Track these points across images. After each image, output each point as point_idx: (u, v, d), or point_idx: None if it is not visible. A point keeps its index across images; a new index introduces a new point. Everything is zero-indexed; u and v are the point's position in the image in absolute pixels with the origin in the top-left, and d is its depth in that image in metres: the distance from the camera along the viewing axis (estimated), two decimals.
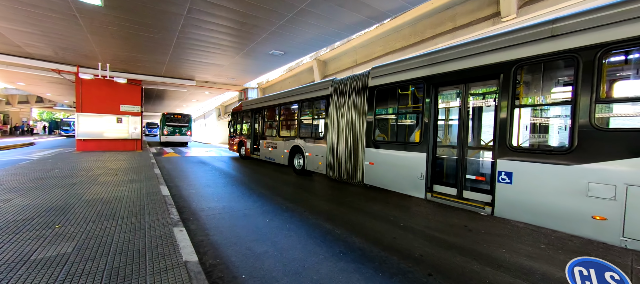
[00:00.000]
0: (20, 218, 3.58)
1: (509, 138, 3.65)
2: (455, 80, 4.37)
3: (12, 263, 2.47)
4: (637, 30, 2.67)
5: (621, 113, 3.17)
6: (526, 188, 3.46)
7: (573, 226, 3.11)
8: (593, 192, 2.94)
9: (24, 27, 8.00)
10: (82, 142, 13.13)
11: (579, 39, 3.09)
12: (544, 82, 3.99)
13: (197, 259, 2.69)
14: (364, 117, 5.89)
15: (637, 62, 3.14)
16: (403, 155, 5.03)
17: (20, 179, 6.03)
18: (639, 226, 2.64)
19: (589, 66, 2.99)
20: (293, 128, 9.03)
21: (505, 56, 3.70)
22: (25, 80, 16.98)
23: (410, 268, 2.80)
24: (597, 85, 2.95)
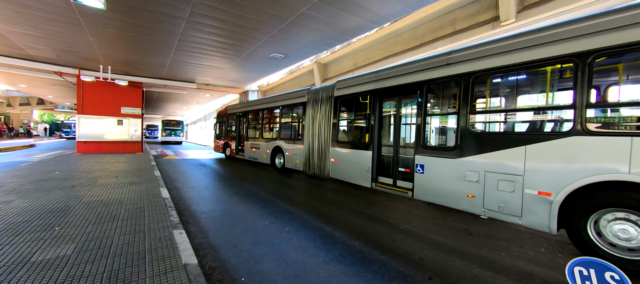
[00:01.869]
0: (20, 220, 3.58)
1: (423, 139, 4.72)
2: (392, 94, 5.60)
3: (12, 264, 2.47)
4: (493, 64, 3.84)
5: (483, 121, 4.29)
6: (432, 176, 4.52)
7: (458, 202, 4.17)
8: (467, 177, 4.03)
9: (27, 30, 8.06)
10: (82, 144, 13.15)
11: (461, 67, 4.21)
12: (443, 97, 5.07)
13: (197, 262, 2.69)
14: (331, 121, 6.92)
15: (494, 85, 4.49)
16: (357, 153, 6.11)
17: (20, 181, 6.04)
18: (492, 201, 3.77)
19: (467, 87, 4.09)
20: (275, 131, 9.94)
21: (420, 77, 4.81)
22: (27, 82, 17.04)
23: (410, 271, 2.80)
24: (471, 101, 4.07)
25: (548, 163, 3.27)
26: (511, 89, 4.36)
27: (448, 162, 4.28)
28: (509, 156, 3.61)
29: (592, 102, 3.08)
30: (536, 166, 3.36)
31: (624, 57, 3.04)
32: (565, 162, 3.14)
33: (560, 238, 3.84)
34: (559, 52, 3.25)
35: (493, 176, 3.74)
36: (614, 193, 2.88)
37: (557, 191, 3.17)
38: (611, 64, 3.31)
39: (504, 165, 3.65)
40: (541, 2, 6.29)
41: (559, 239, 3.81)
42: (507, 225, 4.37)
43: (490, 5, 7.16)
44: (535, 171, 3.36)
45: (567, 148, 3.13)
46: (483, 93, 4.49)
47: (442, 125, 5.23)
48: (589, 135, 2.99)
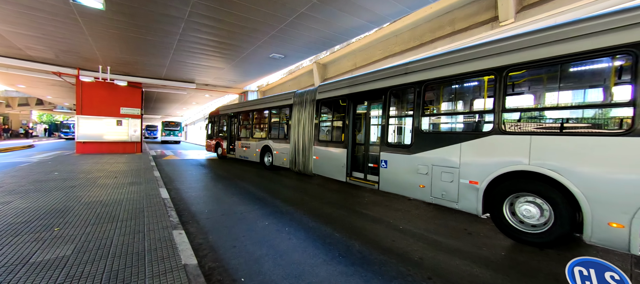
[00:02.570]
0: (19, 221, 3.58)
1: (386, 138, 5.41)
2: (363, 98, 6.27)
3: (11, 265, 2.47)
4: (437, 74, 4.53)
5: (431, 123, 5.07)
6: (393, 170, 5.20)
7: (413, 192, 4.88)
8: (419, 170, 4.72)
9: (26, 30, 8.04)
10: (82, 144, 13.13)
11: (415, 76, 4.87)
12: (402, 102, 5.69)
13: (196, 262, 2.69)
14: (313, 122, 7.56)
15: (439, 92, 5.05)
16: (334, 151, 6.83)
17: (19, 181, 6.03)
18: (437, 189, 4.46)
19: (419, 93, 4.77)
20: (264, 131, 10.47)
21: (384, 83, 5.49)
22: (26, 82, 17.00)
23: (410, 271, 2.80)
24: (422, 105, 4.79)
25: (476, 158, 3.99)
26: (451, 96, 5.23)
27: (405, 158, 4.99)
28: (449, 152, 4.31)
29: (506, 108, 3.74)
30: (468, 160, 4.08)
31: (527, 72, 3.85)
32: (487, 156, 3.86)
33: None
34: (483, 66, 3.97)
35: (438, 169, 4.47)
36: (520, 181, 3.59)
37: (482, 180, 3.88)
38: (520, 78, 4.19)
39: (446, 159, 4.35)
40: (540, 2, 6.31)
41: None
42: None
43: (489, 5, 7.18)
44: (467, 164, 4.08)
45: (488, 145, 3.85)
46: (432, 99, 5.27)
47: (401, 126, 5.95)
48: (504, 134, 3.69)
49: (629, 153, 2.78)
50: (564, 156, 3.20)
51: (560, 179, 3.19)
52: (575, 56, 3.20)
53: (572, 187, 3.11)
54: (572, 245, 3.53)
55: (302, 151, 7.92)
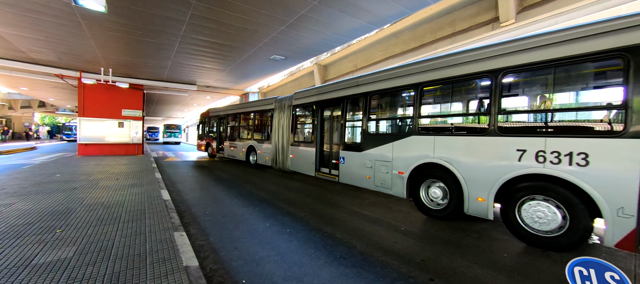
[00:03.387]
0: (21, 223, 3.59)
1: (343, 139, 6.52)
2: (327, 105, 7.20)
3: (13, 267, 2.48)
4: (375, 87, 5.59)
5: (373, 126, 5.89)
6: (349, 165, 6.20)
7: (362, 182, 5.86)
8: (366, 165, 5.69)
9: (29, 33, 8.10)
10: (83, 146, 13.17)
11: (363, 88, 5.91)
12: (355, 108, 6.47)
13: (198, 264, 2.69)
14: (290, 125, 8.53)
15: (379, 101, 6.14)
16: (306, 150, 7.81)
17: (22, 183, 6.06)
18: (378, 180, 5.41)
19: (366, 101, 5.79)
20: (249, 132, 11.44)
21: (341, 93, 6.54)
22: (29, 85, 17.11)
23: (412, 272, 2.79)
24: (368, 112, 5.80)
25: (402, 153, 5.02)
26: (387, 104, 6.20)
27: (357, 155, 6.00)
28: (385, 150, 5.33)
29: (420, 114, 4.85)
30: (397, 155, 5.10)
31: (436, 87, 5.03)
32: (409, 152, 4.89)
33: None
34: (407, 82, 4.98)
35: (378, 163, 5.47)
36: (430, 170, 4.63)
37: (406, 171, 4.91)
38: (431, 92, 5.38)
39: (383, 155, 5.36)
40: (541, 3, 6.31)
41: None
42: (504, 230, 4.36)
43: (489, 6, 7.18)
44: (397, 159, 5.10)
45: (409, 143, 4.90)
46: (374, 106, 6.18)
47: (354, 129, 6.76)
48: (419, 135, 4.75)
49: (488, 149, 3.85)
50: (452, 151, 4.26)
51: (450, 167, 4.26)
52: (457, 78, 4.32)
53: (457, 173, 4.17)
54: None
55: (281, 151, 8.91)
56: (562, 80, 3.80)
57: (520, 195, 3.57)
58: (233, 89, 17.15)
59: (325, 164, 7.31)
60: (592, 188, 2.99)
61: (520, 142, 3.54)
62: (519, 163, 3.52)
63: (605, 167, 2.94)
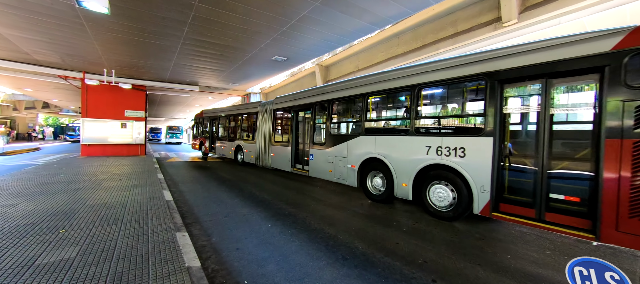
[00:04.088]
0: (25, 223, 3.62)
1: (312, 138, 7.50)
2: (301, 109, 8.17)
3: (17, 267, 2.49)
4: (335, 96, 6.65)
5: (335, 128, 6.96)
6: (317, 161, 7.20)
7: (326, 175, 6.89)
8: (329, 160, 6.73)
9: (32, 35, 8.17)
10: (86, 147, 13.25)
11: (326, 96, 6.95)
12: (322, 113, 7.37)
13: (200, 265, 2.69)
14: (271, 127, 9.60)
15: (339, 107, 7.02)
16: (284, 149, 8.86)
17: (25, 184, 6.10)
18: (337, 172, 6.46)
19: (330, 107, 6.86)
20: (237, 133, 12.37)
21: (311, 100, 7.57)
22: (33, 86, 17.25)
23: (414, 274, 2.78)
24: (330, 115, 6.86)
25: (354, 150, 6.11)
26: (344, 110, 7.10)
27: (322, 152, 7.01)
28: (342, 147, 6.41)
29: (366, 118, 5.94)
30: (350, 152, 6.20)
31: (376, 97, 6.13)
32: (358, 149, 5.97)
33: (565, 241, 3.80)
34: (358, 92, 6.06)
35: (338, 158, 6.54)
36: (373, 163, 5.69)
37: (357, 164, 6.00)
38: (374, 100, 6.34)
39: (341, 152, 6.44)
40: (543, 3, 6.27)
41: (564, 242, 3.76)
42: (512, 227, 4.34)
43: (492, 6, 7.15)
44: (350, 155, 6.19)
45: (359, 142, 5.97)
46: (335, 111, 7.08)
47: (321, 130, 7.52)
48: (365, 135, 5.85)
49: (409, 145, 4.95)
50: (387, 148, 5.36)
51: (385, 161, 5.35)
52: (390, 90, 5.48)
53: (389, 165, 5.28)
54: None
55: (264, 150, 9.96)
56: (451, 94, 5.25)
57: (428, 180, 4.74)
58: (235, 90, 17.20)
59: (299, 161, 8.38)
60: (467, 173, 4.14)
61: (427, 140, 4.71)
62: (427, 156, 4.68)
63: (474, 157, 4.10)
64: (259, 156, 10.19)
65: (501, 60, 3.91)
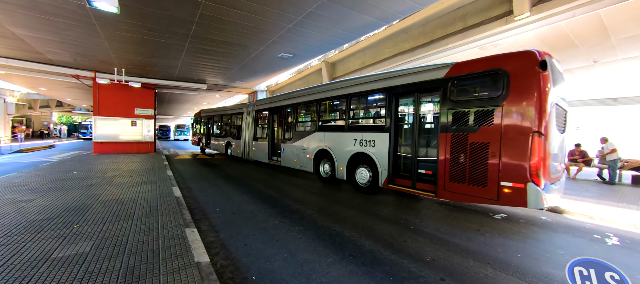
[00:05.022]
0: (41, 218, 3.73)
1: (284, 135, 9.02)
2: (276, 111, 9.76)
3: (34, 261, 2.58)
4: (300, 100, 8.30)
5: (299, 126, 8.31)
6: (286, 153, 8.72)
7: (292, 164, 8.38)
8: (294, 152, 8.29)
9: (45, 35, 8.37)
10: (98, 144, 13.58)
11: (294, 100, 8.54)
12: (291, 114, 8.89)
13: (209, 260, 2.73)
14: (253, 125, 11.14)
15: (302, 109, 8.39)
16: (263, 144, 10.38)
17: (41, 180, 6.30)
18: (300, 161, 8.06)
19: (295, 109, 8.51)
20: (227, 130, 13.92)
21: (283, 103, 9.08)
22: (47, 85, 17.74)
23: (422, 272, 2.76)
24: (296, 115, 8.48)
25: (311, 144, 7.64)
26: (305, 111, 8.35)
27: (290, 145, 8.58)
28: (303, 141, 7.98)
29: (319, 118, 7.52)
30: (309, 145, 7.74)
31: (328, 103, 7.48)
32: (314, 143, 7.50)
33: (578, 243, 3.70)
34: (313, 98, 7.69)
35: (300, 150, 8.08)
36: (323, 153, 7.19)
37: (313, 154, 7.50)
38: (324, 105, 7.60)
39: (302, 145, 8.00)
40: None
41: (577, 244, 3.67)
42: (522, 225, 4.26)
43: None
44: (309, 147, 7.72)
45: (314, 137, 7.53)
46: (299, 112, 8.49)
47: (289, 128, 8.92)
48: (318, 132, 7.39)
49: (344, 139, 6.57)
50: (331, 141, 7.01)
51: (330, 151, 6.97)
52: (334, 97, 7.09)
53: (332, 154, 6.90)
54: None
55: (247, 145, 11.46)
56: (368, 102, 6.48)
57: (355, 164, 6.38)
58: (242, 88, 17.30)
59: (275, 153, 9.82)
60: (376, 158, 5.79)
61: (355, 135, 6.36)
62: (354, 147, 6.33)
63: (379, 147, 5.73)
64: (244, 150, 11.70)
65: (395, 79, 5.50)
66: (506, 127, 3.94)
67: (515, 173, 3.82)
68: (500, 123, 3.99)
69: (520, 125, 3.84)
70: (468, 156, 4.28)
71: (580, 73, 11.33)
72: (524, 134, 3.78)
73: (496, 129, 4.02)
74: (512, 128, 3.89)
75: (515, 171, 3.82)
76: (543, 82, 3.76)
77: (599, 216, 4.65)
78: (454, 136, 4.43)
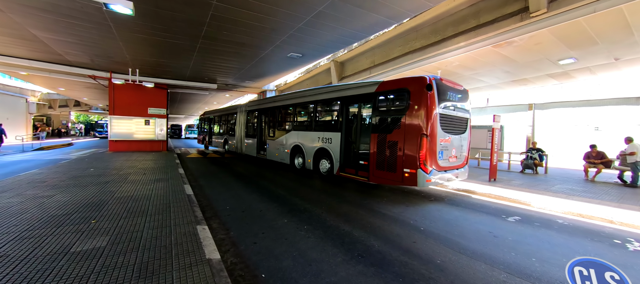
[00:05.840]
0: (61, 213, 3.89)
1: (268, 133, 10.67)
2: (263, 112, 11.16)
3: (54, 254, 2.69)
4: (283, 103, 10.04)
5: (280, 125, 10.25)
6: (270, 148, 10.38)
7: (274, 158, 10.13)
8: (275, 147, 9.98)
9: (64, 37, 8.69)
10: (114, 142, 14.00)
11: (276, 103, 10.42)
12: (276, 115, 10.30)
13: (219, 257, 2.77)
14: (244, 124, 12.81)
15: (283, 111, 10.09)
16: (253, 140, 11.82)
17: (60, 177, 6.55)
18: (280, 155, 9.69)
19: (278, 111, 10.26)
20: (225, 129, 15.78)
21: (269, 105, 10.85)
22: (65, 85, 18.43)
23: (432, 274, 2.72)
24: (278, 116, 10.30)
25: (288, 140, 9.12)
26: (286, 113, 9.85)
27: (272, 141, 10.13)
28: (283, 138, 9.41)
29: (294, 120, 9.32)
30: (286, 141, 9.21)
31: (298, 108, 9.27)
32: (290, 140, 9.02)
33: (597, 246, 3.57)
34: (290, 102, 9.45)
35: (280, 146, 9.54)
36: (297, 148, 8.74)
37: (289, 149, 9.00)
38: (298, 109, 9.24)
39: (282, 141, 9.45)
40: None
41: (596, 248, 3.53)
42: (536, 228, 4.14)
43: None
44: (287, 143, 9.17)
45: (291, 135, 9.06)
46: (282, 114, 10.03)
47: (272, 126, 10.46)
48: (294, 131, 9.01)
49: (311, 137, 8.08)
50: (302, 139, 8.48)
51: (301, 146, 8.43)
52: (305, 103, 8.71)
53: (303, 149, 8.35)
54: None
55: (240, 141, 13.11)
56: (328, 108, 8.05)
57: (319, 157, 7.81)
58: (251, 87, 17.46)
59: (262, 148, 11.21)
60: (332, 153, 7.22)
61: (319, 134, 7.79)
62: (318, 144, 7.75)
63: (334, 144, 7.17)
64: (237, 146, 13.55)
65: (346, 91, 7.08)
66: (407, 130, 5.46)
67: (410, 163, 5.36)
68: (404, 128, 5.51)
69: (414, 129, 5.35)
70: (386, 151, 5.82)
71: (601, 71, 10.89)
72: (416, 135, 5.30)
73: (402, 131, 5.55)
74: (410, 131, 5.40)
75: (410, 161, 5.36)
76: (429, 99, 5.27)
77: (619, 220, 4.46)
78: (379, 136, 5.97)
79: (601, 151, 8.48)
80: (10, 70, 13.36)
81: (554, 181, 7.82)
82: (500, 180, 7.92)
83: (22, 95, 24.86)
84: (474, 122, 18.73)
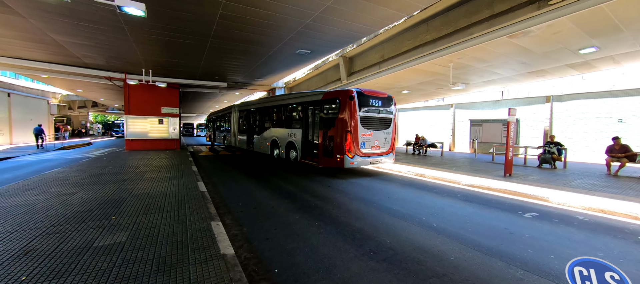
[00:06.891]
0: (83, 210, 4.07)
1: (255, 130, 13.31)
2: (252, 111, 13.74)
3: (78, 248, 2.82)
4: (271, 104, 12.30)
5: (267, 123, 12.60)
6: (256, 142, 13.04)
7: (260, 150, 12.59)
8: (260, 141, 12.56)
9: (82, 40, 9.01)
10: (130, 141, 14.47)
11: (262, 105, 12.97)
12: (264, 114, 12.58)
13: (234, 253, 2.83)
14: (237, 121, 15.15)
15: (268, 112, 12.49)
16: (244, 137, 14.28)
17: (81, 175, 6.84)
18: (264, 148, 12.13)
19: (264, 111, 12.68)
20: (224, 127, 18.53)
21: (257, 106, 13.41)
22: (83, 87, 19.13)
23: (445, 270, 2.69)
24: (264, 115, 12.68)
25: (269, 135, 11.60)
26: (270, 114, 11.84)
27: (258, 136, 12.66)
28: (266, 134, 11.91)
29: (273, 118, 11.64)
30: (268, 135, 11.69)
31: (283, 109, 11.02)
32: (271, 134, 11.43)
33: (614, 242, 3.41)
34: (273, 104, 11.88)
35: (263, 140, 12.08)
36: (274, 141, 11.09)
37: (270, 142, 11.41)
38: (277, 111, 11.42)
39: (265, 136, 12.00)
40: None
41: (610, 243, 3.39)
42: (555, 224, 4.01)
43: None
44: (268, 136, 11.63)
45: (271, 131, 11.55)
46: (267, 113, 12.02)
47: (258, 124, 12.51)
48: (273, 128, 11.48)
49: (285, 133, 10.35)
50: (278, 134, 10.83)
51: (277, 140, 10.80)
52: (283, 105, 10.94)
53: (278, 142, 10.72)
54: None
55: (235, 137, 15.56)
56: (296, 110, 9.84)
57: (289, 149, 9.88)
58: (260, 85, 17.58)
59: (250, 143, 13.48)
60: (297, 145, 9.45)
61: (289, 131, 10.00)
62: (289, 138, 9.87)
63: (298, 137, 9.40)
64: (232, 141, 15.96)
65: (305, 97, 9.20)
66: (338, 127, 7.62)
67: (339, 150, 7.53)
68: (337, 126, 7.67)
69: (343, 126, 7.53)
70: (327, 142, 7.94)
71: (626, 61, 10.32)
72: (344, 131, 7.49)
73: (336, 128, 7.69)
74: (340, 128, 7.57)
75: (339, 149, 7.53)
76: (352, 106, 7.51)
77: None
78: (324, 131, 8.13)
79: (625, 144, 8.08)
80: (33, 73, 13.96)
81: (573, 176, 7.53)
82: (516, 175, 7.70)
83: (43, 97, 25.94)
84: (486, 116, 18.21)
